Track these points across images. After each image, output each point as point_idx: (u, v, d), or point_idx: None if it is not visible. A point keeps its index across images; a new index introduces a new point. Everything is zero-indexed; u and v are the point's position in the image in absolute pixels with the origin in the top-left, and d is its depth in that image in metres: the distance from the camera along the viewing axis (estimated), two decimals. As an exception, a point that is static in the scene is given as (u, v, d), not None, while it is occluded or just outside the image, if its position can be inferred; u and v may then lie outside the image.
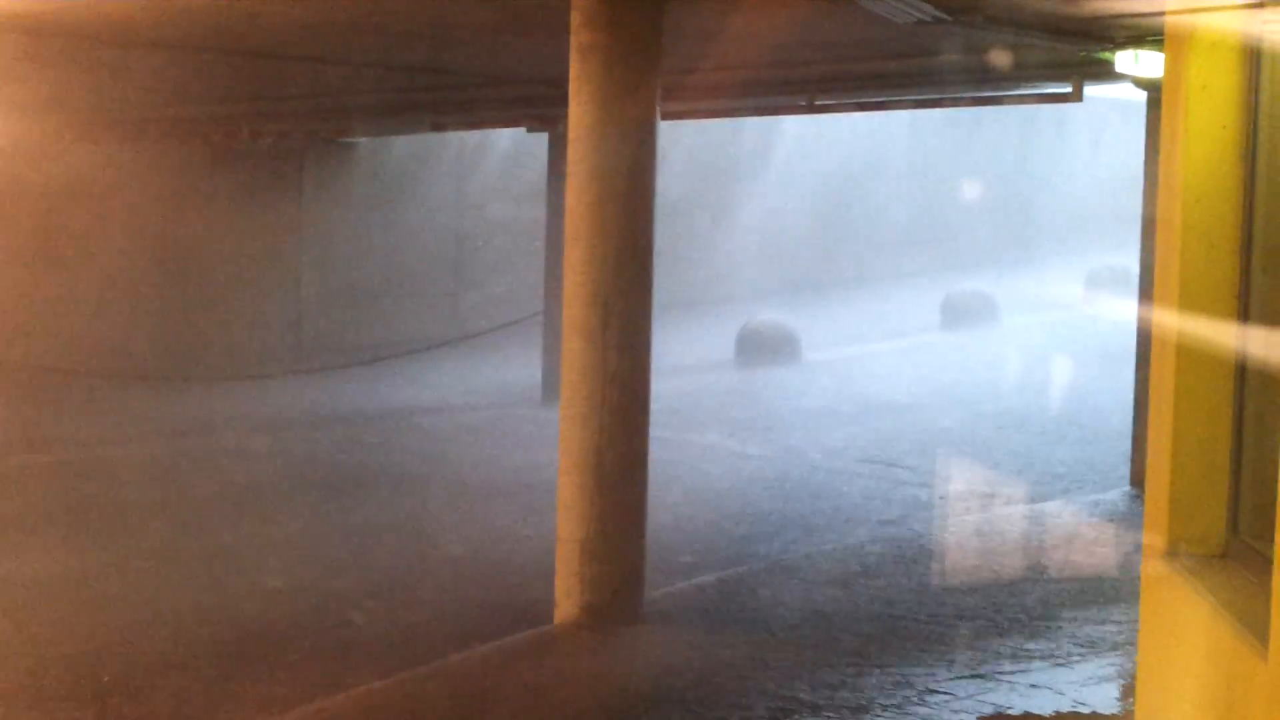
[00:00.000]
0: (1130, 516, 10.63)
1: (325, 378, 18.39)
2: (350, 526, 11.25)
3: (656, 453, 8.46)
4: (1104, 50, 10.39)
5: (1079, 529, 10.47)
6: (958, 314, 23.35)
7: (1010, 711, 6.70)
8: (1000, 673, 7.28)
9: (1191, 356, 4.57)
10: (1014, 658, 7.53)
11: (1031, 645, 7.74)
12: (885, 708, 6.79)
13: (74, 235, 18.40)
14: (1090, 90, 12.20)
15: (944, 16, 8.55)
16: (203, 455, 14.19)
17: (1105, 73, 11.05)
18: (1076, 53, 10.76)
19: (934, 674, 7.27)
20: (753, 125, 24.78)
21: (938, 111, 24.38)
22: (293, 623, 8.68)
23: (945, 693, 6.98)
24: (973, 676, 7.22)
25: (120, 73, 12.75)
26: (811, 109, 14.60)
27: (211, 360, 18.96)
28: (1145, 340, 11.49)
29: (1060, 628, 8.05)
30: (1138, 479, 11.49)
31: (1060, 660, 7.49)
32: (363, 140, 20.82)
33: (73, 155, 18.07)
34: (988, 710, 6.72)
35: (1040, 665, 7.40)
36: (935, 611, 8.41)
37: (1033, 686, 7.07)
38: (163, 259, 19.28)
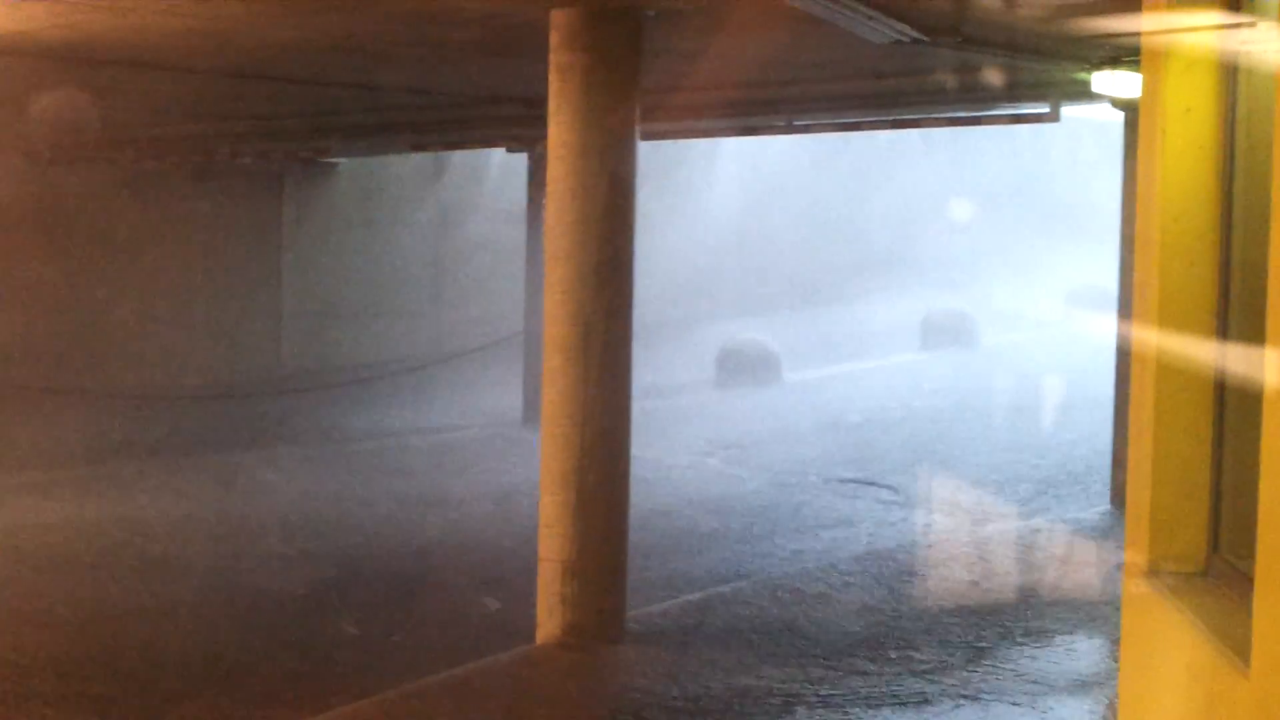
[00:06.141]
0: (1110, 535, 10.64)
1: (303, 399, 18.30)
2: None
3: (637, 473, 8.44)
4: (1081, 71, 10.42)
5: (1056, 548, 10.47)
6: (937, 332, 23.37)
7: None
8: (982, 693, 7.27)
9: (1171, 374, 4.56)
10: (991, 676, 7.52)
11: (1006, 666, 7.73)
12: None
13: (48, 255, 18.27)
14: (1068, 110, 12.24)
15: (922, 37, 8.56)
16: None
17: (1083, 93, 11.08)
18: (1054, 73, 10.79)
19: (908, 689, 7.26)
20: (729, 143, 24.80)
21: (917, 131, 24.40)
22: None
23: (919, 707, 6.97)
24: (949, 694, 7.21)
25: (99, 92, 12.71)
26: (790, 129, 14.61)
27: (186, 380, 18.84)
28: (1125, 358, 11.51)
29: (1033, 649, 8.04)
30: (1118, 497, 11.50)
31: (1039, 681, 7.49)
32: (343, 160, 20.78)
33: (48, 175, 17.96)
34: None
35: (1018, 684, 7.40)
36: (907, 629, 8.40)
37: (1014, 705, 7.07)
38: (139, 278, 19.18)
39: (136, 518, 12.35)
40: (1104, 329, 15.24)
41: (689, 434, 15.93)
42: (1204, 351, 4.51)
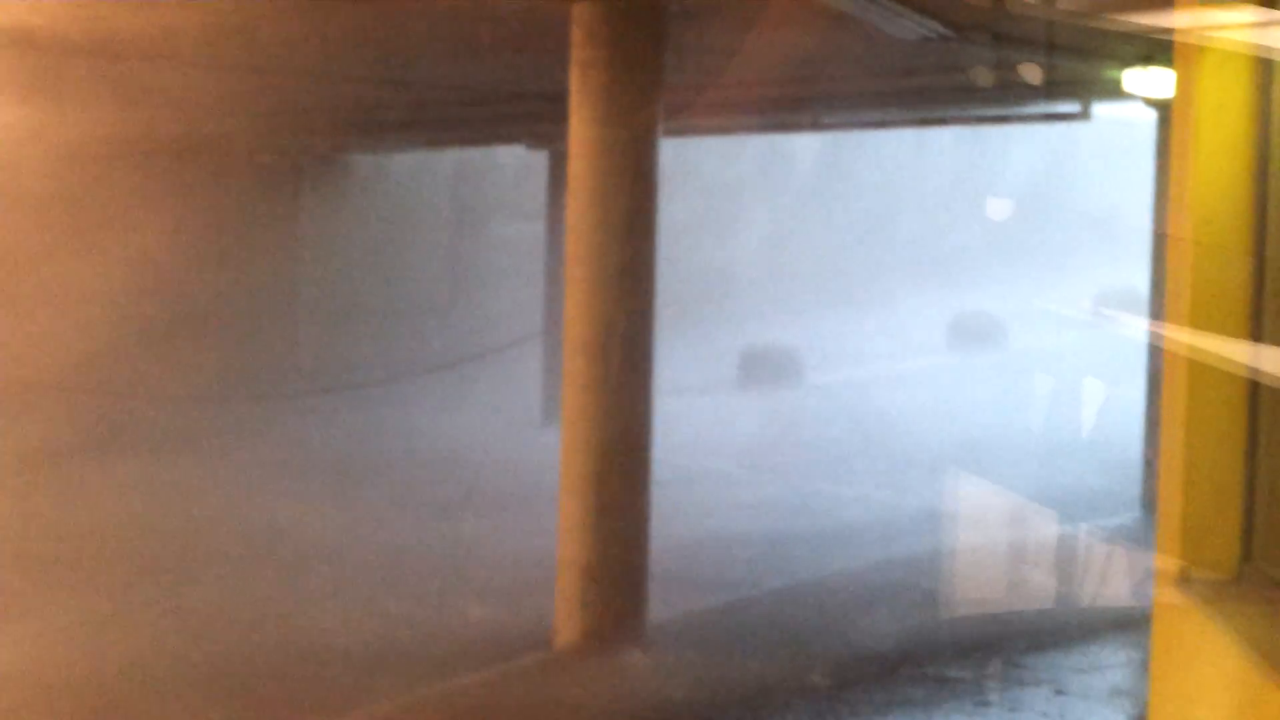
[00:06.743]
0: (1141, 541, 10.51)
1: (321, 401, 18.18)
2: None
3: (658, 476, 8.34)
4: (1113, 68, 10.31)
5: (1087, 555, 10.35)
6: (965, 335, 23.22)
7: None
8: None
9: (1204, 377, 4.50)
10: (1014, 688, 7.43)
11: (1037, 675, 7.63)
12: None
13: (62, 254, 18.16)
14: (1099, 109, 12.12)
15: (950, 33, 8.48)
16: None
17: (1114, 91, 10.97)
18: (1084, 71, 10.68)
19: (931, 704, 7.17)
20: (755, 142, 24.64)
21: (945, 129, 24.29)
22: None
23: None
24: (977, 704, 7.12)
25: (111, 88, 12.68)
26: (816, 127, 14.53)
27: (203, 383, 18.68)
28: (1157, 361, 11.38)
29: (1062, 657, 7.95)
30: (1149, 503, 11.36)
31: (1063, 690, 7.39)
32: (361, 157, 20.71)
33: (62, 174, 17.84)
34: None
35: (1042, 693, 7.30)
36: (934, 640, 8.30)
37: (1043, 715, 6.97)
38: (153, 277, 19.06)
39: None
40: (1136, 331, 15.10)
41: (710, 438, 15.76)
42: (1237, 353, 4.44)
